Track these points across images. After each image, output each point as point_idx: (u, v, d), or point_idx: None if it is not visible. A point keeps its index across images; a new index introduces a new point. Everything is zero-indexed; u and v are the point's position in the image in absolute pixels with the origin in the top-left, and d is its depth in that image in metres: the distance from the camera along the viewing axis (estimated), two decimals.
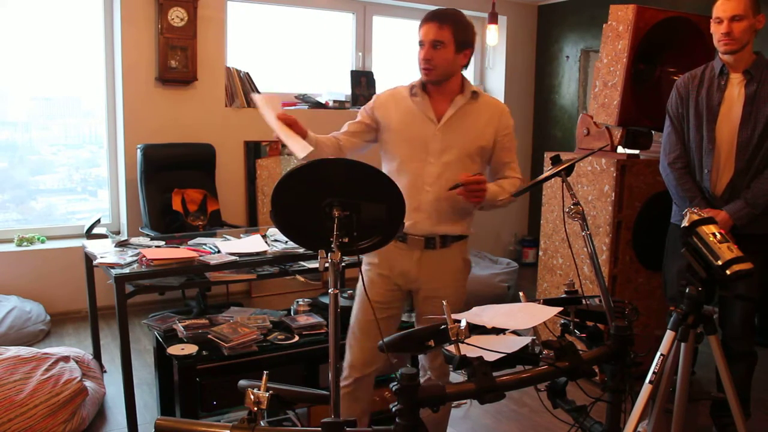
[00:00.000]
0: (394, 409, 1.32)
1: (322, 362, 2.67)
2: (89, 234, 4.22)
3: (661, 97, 3.30)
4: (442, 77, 2.11)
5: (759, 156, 2.54)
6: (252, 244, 2.99)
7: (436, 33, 2.06)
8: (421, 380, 2.18)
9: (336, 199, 1.45)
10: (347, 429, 1.28)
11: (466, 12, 5.65)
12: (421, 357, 2.34)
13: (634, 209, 3.26)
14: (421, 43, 2.10)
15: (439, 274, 2.19)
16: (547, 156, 3.27)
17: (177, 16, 4.31)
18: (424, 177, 2.13)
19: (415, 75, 2.20)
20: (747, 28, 2.46)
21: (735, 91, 2.57)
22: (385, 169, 2.25)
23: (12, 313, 3.80)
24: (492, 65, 6.07)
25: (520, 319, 1.56)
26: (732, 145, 2.57)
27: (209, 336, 2.56)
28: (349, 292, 2.97)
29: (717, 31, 2.52)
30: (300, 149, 1.82)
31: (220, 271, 2.80)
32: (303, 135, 1.98)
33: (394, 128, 2.17)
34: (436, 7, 2.20)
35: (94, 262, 2.77)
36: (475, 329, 1.51)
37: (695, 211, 1.82)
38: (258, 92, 4.79)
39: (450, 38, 2.06)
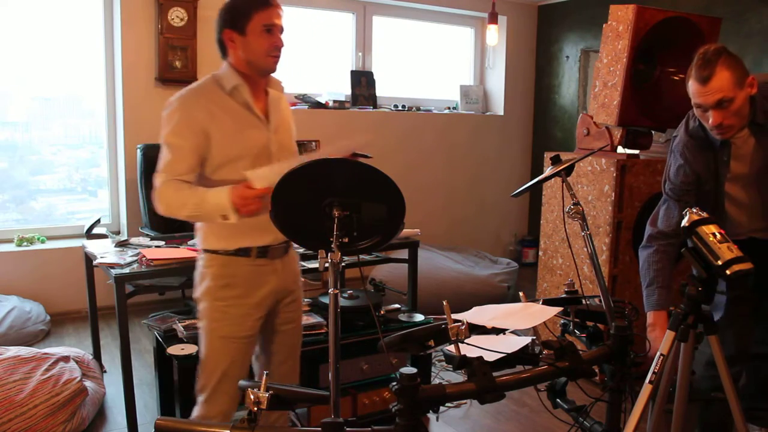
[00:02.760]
0: (394, 409, 1.32)
1: (322, 362, 2.67)
2: (89, 234, 4.22)
3: (661, 97, 3.31)
4: None
5: None
6: None
7: None
8: None
9: (336, 199, 1.45)
10: (347, 429, 1.28)
11: (465, 12, 5.65)
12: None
13: (634, 209, 3.26)
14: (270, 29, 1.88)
15: (293, 275, 2.07)
16: (547, 156, 3.27)
17: (177, 16, 4.31)
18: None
19: (413, 74, 2.12)
20: (740, 105, 1.89)
21: (742, 151, 2.05)
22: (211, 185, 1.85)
23: (12, 313, 3.80)
24: (492, 65, 6.07)
25: (520, 319, 1.57)
26: (757, 203, 2.09)
27: None
28: (349, 292, 2.97)
29: (703, 119, 1.96)
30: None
31: None
32: None
33: (229, 138, 1.81)
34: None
35: (94, 262, 2.77)
36: (475, 329, 1.51)
37: (695, 211, 1.82)
38: None
39: None
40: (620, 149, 3.34)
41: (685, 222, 1.82)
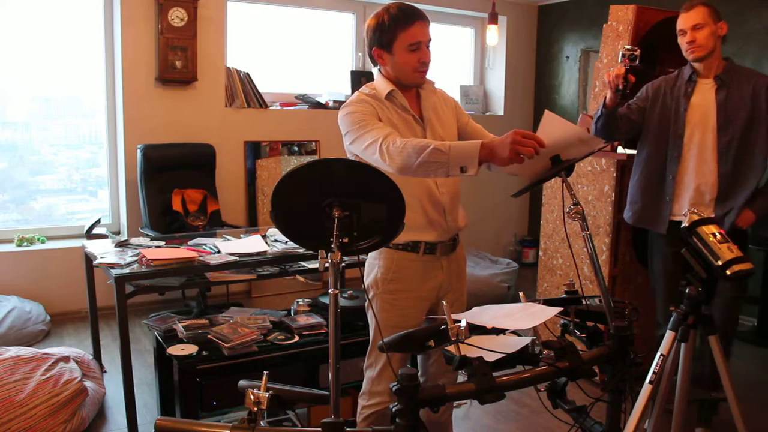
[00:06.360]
0: (394, 410, 1.32)
1: (322, 362, 2.67)
2: (89, 234, 4.22)
3: None
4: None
5: (745, 158, 2.60)
6: (252, 244, 2.99)
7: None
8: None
9: (336, 199, 1.44)
10: (347, 429, 1.28)
11: (465, 12, 5.64)
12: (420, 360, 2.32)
13: None
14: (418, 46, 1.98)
15: (460, 272, 2.16)
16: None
17: (177, 16, 4.31)
18: (437, 180, 2.03)
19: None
20: (709, 34, 2.57)
21: (706, 97, 2.64)
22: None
23: (12, 313, 3.80)
24: (492, 65, 6.07)
25: (520, 319, 1.56)
26: (708, 152, 2.62)
27: (209, 336, 2.56)
28: (349, 292, 2.97)
29: (683, 42, 2.64)
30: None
31: (220, 271, 2.81)
32: None
33: None
34: (427, 7, 2.16)
35: (94, 263, 2.77)
36: (475, 329, 1.51)
37: (695, 211, 1.83)
38: (259, 94, 4.79)
39: None
40: (620, 149, 3.34)
41: (685, 222, 1.83)
